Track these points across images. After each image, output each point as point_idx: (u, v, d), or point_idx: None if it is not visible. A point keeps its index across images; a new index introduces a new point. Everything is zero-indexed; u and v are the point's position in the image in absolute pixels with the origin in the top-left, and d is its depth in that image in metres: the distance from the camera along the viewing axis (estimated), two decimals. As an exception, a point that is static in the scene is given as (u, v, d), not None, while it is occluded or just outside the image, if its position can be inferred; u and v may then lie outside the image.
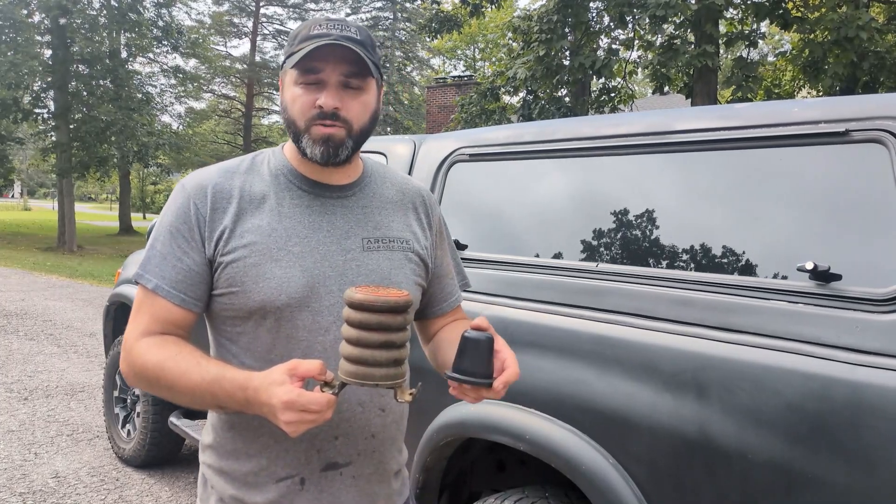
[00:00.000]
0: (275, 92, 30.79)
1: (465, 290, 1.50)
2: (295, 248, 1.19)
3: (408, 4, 30.03)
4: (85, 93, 19.10)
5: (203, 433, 1.32)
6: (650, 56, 11.21)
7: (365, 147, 2.91)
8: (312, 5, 30.19)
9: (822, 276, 1.41)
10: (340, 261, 1.22)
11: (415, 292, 1.30)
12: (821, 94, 11.41)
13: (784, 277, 1.50)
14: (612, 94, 12.89)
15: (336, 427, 1.21)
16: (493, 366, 1.09)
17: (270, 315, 1.17)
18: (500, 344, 1.14)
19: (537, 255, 2.02)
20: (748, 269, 1.57)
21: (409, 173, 2.46)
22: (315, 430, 1.18)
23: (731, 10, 10.77)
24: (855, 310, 1.37)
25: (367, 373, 1.02)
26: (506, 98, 13.98)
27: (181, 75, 23.19)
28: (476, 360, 1.08)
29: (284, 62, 1.21)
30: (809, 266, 1.41)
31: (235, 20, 30.13)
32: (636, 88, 22.60)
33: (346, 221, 1.25)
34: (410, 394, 1.08)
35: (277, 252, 1.18)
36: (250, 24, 29.93)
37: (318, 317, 1.19)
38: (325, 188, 1.26)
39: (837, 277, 1.41)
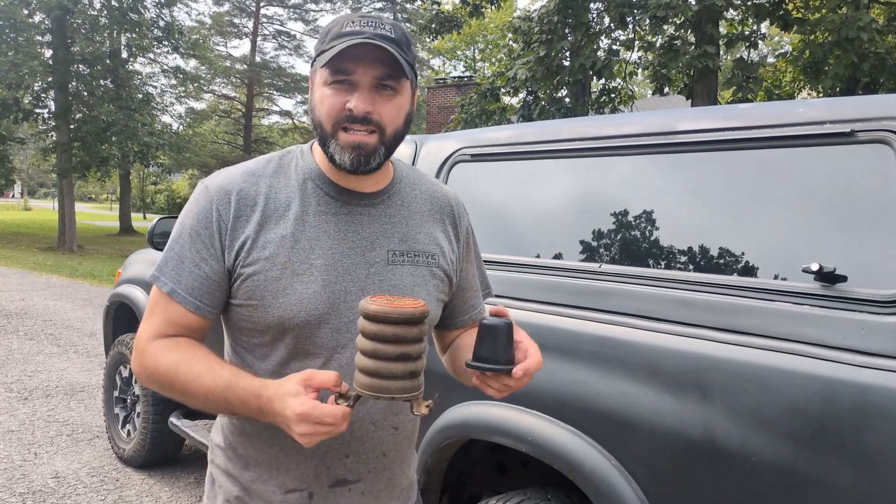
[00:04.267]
0: (275, 93, 30.79)
1: (487, 298, 1.46)
2: (318, 261, 1.15)
3: (408, 5, 30.03)
4: (85, 93, 19.08)
5: (213, 432, 1.31)
6: (650, 57, 11.21)
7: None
8: (313, 6, 30.19)
9: (828, 277, 1.41)
10: (363, 274, 1.17)
11: (435, 308, 1.25)
12: (821, 95, 11.41)
13: (789, 279, 1.49)
14: (613, 95, 12.89)
15: (347, 446, 1.19)
16: (513, 352, 1.07)
17: (289, 331, 1.14)
18: (522, 335, 1.11)
19: (539, 256, 2.02)
20: (752, 270, 1.57)
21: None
22: (326, 447, 1.17)
23: (731, 10, 10.76)
24: (860, 311, 1.36)
25: (383, 385, 1.00)
26: (506, 99, 13.98)
27: (181, 76, 23.18)
28: (495, 346, 1.05)
29: (314, 60, 1.15)
30: (814, 267, 1.40)
31: (236, 20, 30.12)
32: (636, 89, 22.59)
33: (373, 231, 1.20)
34: (427, 406, 1.05)
35: (300, 265, 1.14)
36: (251, 24, 29.91)
37: (337, 334, 1.16)
38: (352, 195, 1.21)
39: (843, 279, 1.40)
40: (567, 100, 12.77)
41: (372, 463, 1.22)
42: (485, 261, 2.12)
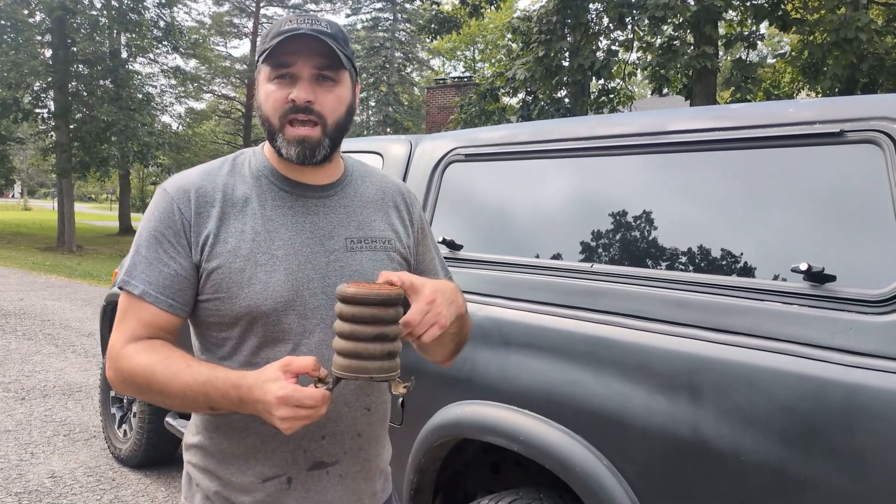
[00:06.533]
0: (275, 92, 30.72)
1: None
2: (279, 252, 1.19)
3: (407, 5, 30.05)
4: (85, 93, 19.09)
5: (187, 432, 1.32)
6: (649, 57, 11.21)
7: (363, 147, 2.90)
8: (312, 6, 30.20)
9: (817, 277, 1.41)
10: (323, 262, 1.22)
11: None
12: (820, 95, 11.41)
13: (778, 278, 1.50)
14: (612, 96, 12.89)
15: (323, 427, 1.21)
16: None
17: (258, 320, 1.17)
18: (424, 285, 1.10)
19: (533, 256, 2.02)
20: (743, 270, 1.57)
21: (405, 173, 2.46)
22: (302, 430, 1.18)
23: (730, 11, 10.77)
24: (849, 311, 1.36)
25: (362, 366, 1.02)
26: (505, 99, 13.99)
27: (181, 76, 23.19)
28: None
29: (257, 60, 1.20)
30: (804, 267, 1.40)
31: (235, 21, 30.15)
32: (635, 90, 22.59)
33: (329, 222, 1.25)
34: (405, 387, 1.07)
35: (261, 256, 1.17)
36: (250, 24, 29.95)
37: (303, 320, 1.19)
38: (306, 188, 1.25)
39: (832, 278, 1.40)
40: (566, 100, 12.78)
41: (348, 444, 1.25)
42: (478, 261, 2.13)
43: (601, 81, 12.53)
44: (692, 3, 9.95)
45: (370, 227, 1.29)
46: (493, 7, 13.80)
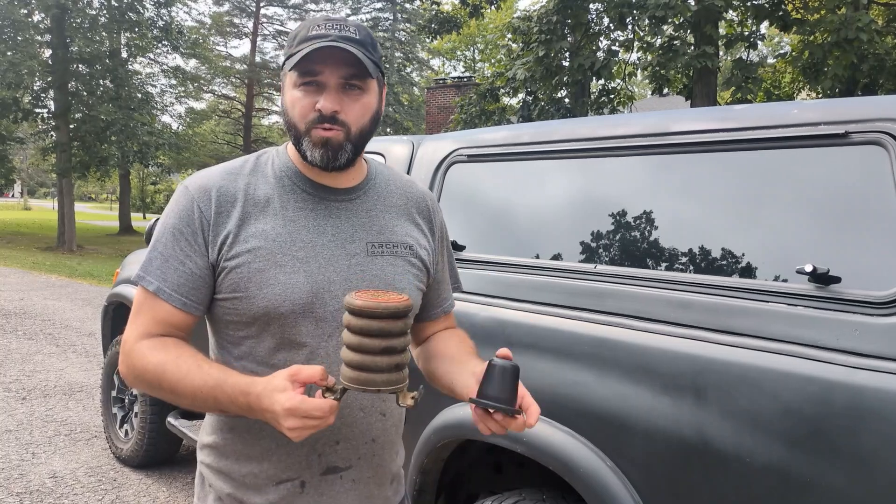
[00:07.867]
0: (275, 92, 30.78)
1: (456, 292, 1.50)
2: (299, 253, 1.18)
3: (408, 5, 30.04)
4: (85, 92, 19.08)
5: (202, 432, 1.32)
6: (650, 57, 11.21)
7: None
8: (312, 6, 30.18)
9: (822, 278, 1.41)
10: (345, 265, 1.21)
11: (416, 298, 1.29)
12: (820, 95, 11.42)
13: (783, 280, 1.50)
14: (612, 96, 12.89)
15: (338, 432, 1.21)
16: (517, 395, 1.07)
17: (274, 321, 1.17)
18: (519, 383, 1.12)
19: (535, 257, 2.02)
20: (747, 272, 1.57)
21: (408, 174, 2.46)
22: (317, 434, 1.18)
23: (730, 11, 10.77)
24: (854, 312, 1.36)
25: (369, 378, 1.02)
26: (505, 99, 13.98)
27: (181, 75, 23.18)
28: (502, 386, 1.06)
29: (284, 63, 1.20)
30: (808, 268, 1.40)
31: (236, 20, 30.13)
32: (636, 90, 22.60)
33: (351, 225, 1.24)
34: (412, 398, 1.07)
35: (282, 257, 1.17)
36: (250, 24, 29.93)
37: (321, 323, 1.19)
38: (329, 191, 1.25)
39: (837, 280, 1.40)
40: (566, 100, 12.77)
41: (362, 449, 1.25)
42: (481, 261, 2.13)
43: (601, 82, 12.53)
44: (692, 3, 9.95)
45: (392, 231, 1.28)
46: (493, 7, 13.80)
